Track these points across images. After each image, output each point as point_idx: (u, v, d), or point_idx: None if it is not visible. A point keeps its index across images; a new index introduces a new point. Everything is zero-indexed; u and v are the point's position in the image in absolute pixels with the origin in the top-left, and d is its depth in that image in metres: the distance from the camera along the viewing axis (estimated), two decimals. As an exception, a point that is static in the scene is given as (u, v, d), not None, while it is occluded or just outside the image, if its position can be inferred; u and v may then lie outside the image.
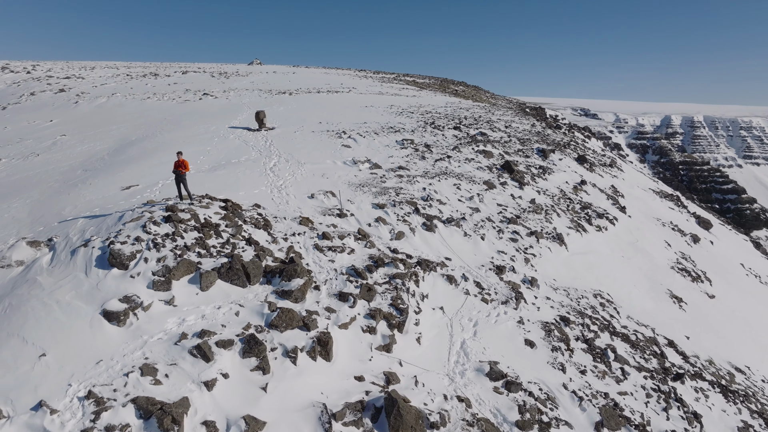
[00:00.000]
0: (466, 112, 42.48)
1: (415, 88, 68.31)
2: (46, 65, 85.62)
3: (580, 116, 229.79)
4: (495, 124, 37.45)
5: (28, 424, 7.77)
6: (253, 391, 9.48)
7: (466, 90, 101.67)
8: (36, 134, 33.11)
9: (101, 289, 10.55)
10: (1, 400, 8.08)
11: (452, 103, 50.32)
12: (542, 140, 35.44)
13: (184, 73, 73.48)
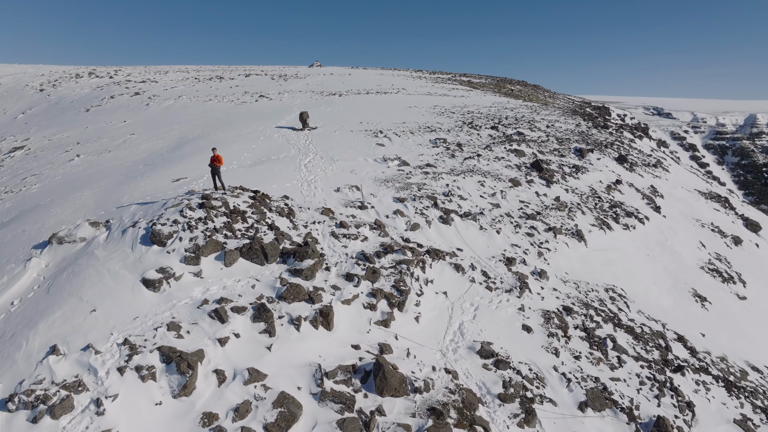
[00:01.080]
0: (510, 112, 42.94)
1: (466, 88, 68.91)
2: (126, 70, 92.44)
3: (652, 115, 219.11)
4: (536, 124, 37.81)
5: (78, 361, 9.86)
6: (259, 350, 11.23)
7: (523, 89, 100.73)
8: (110, 133, 36.96)
9: (142, 262, 12.69)
10: (60, 341, 10.24)
11: (499, 103, 50.74)
12: (583, 140, 35.50)
13: (247, 76, 77.62)
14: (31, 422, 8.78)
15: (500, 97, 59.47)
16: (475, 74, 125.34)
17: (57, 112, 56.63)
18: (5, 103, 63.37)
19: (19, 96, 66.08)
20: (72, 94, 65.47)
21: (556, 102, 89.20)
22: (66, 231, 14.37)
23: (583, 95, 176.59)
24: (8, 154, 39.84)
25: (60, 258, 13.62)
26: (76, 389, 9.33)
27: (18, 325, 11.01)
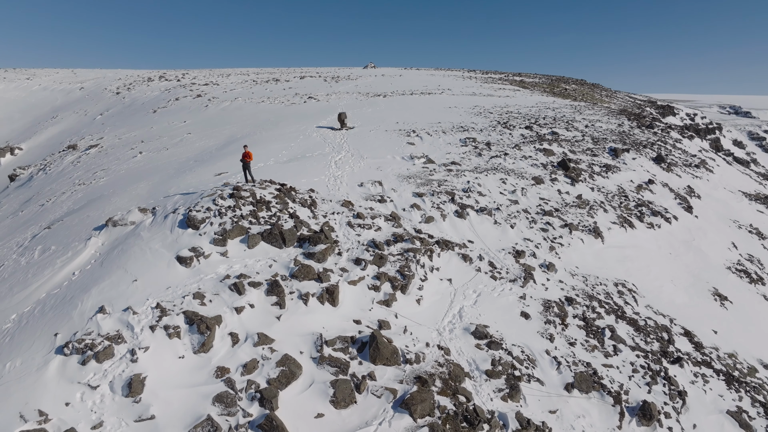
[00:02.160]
0: (551, 112, 43.13)
1: (515, 88, 68.88)
2: (193, 73, 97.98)
3: (728, 114, 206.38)
4: (574, 124, 37.95)
5: (119, 319, 11.98)
6: (269, 319, 13.00)
7: (578, 89, 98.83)
8: (170, 133, 40.34)
9: (178, 242, 14.79)
10: (106, 303, 12.42)
11: (543, 103, 50.80)
12: (621, 140, 35.40)
13: (302, 78, 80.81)
14: (80, 364, 10.92)
15: (547, 97, 59.25)
16: (531, 73, 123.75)
17: (129, 113, 61.43)
18: (87, 105, 69.22)
19: (98, 99, 71.92)
20: (143, 96, 70.43)
21: (612, 101, 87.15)
22: (120, 216, 16.79)
23: (653, 93, 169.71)
24: (85, 151, 44.17)
25: (113, 238, 16.01)
26: (117, 341, 11.42)
27: (76, 290, 13.33)
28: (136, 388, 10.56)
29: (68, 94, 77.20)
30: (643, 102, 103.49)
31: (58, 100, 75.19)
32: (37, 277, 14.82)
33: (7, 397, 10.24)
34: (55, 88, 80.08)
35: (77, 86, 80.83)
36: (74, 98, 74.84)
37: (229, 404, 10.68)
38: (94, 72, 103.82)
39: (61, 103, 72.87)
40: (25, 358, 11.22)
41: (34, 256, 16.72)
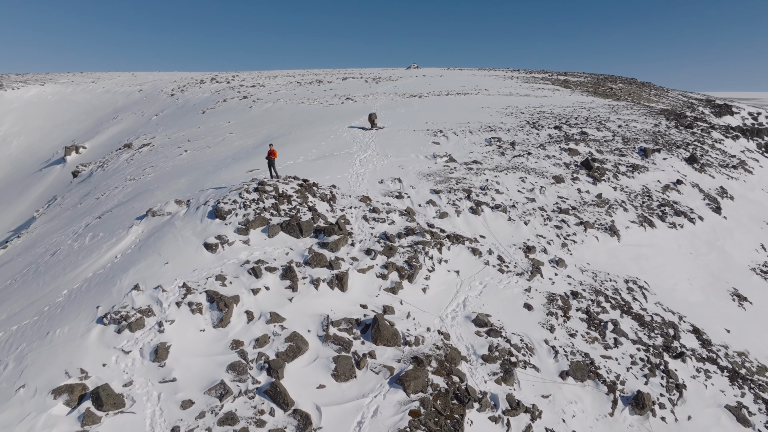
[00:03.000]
0: (586, 112, 42.97)
1: (555, 87, 68.30)
2: (242, 75, 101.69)
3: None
4: (607, 124, 37.81)
5: (150, 295, 13.65)
6: (282, 300, 14.39)
7: (625, 88, 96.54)
8: (215, 132, 42.78)
9: (206, 231, 16.44)
10: (140, 282, 14.14)
11: (581, 102, 50.46)
12: (653, 140, 35.07)
13: (344, 79, 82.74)
14: (116, 332, 12.62)
15: (586, 97, 58.62)
16: (578, 72, 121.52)
17: (181, 114, 64.79)
18: (144, 106, 73.38)
19: (155, 100, 76.05)
20: (195, 98, 73.82)
21: (661, 101, 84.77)
22: (158, 207, 18.67)
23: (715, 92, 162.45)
24: (138, 149, 47.37)
25: (152, 226, 17.87)
26: (147, 314, 13.08)
27: (116, 270, 15.16)
28: (161, 354, 12.16)
29: (128, 96, 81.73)
30: (698, 101, 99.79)
31: (119, 101, 79.76)
32: (86, 259, 16.82)
33: (55, 357, 12.03)
34: (117, 91, 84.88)
35: (136, 88, 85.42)
36: (133, 100, 79.25)
37: (240, 372, 12.11)
38: (152, 75, 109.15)
39: (121, 105, 77.37)
40: (71, 326, 13.04)
41: (85, 242, 18.84)
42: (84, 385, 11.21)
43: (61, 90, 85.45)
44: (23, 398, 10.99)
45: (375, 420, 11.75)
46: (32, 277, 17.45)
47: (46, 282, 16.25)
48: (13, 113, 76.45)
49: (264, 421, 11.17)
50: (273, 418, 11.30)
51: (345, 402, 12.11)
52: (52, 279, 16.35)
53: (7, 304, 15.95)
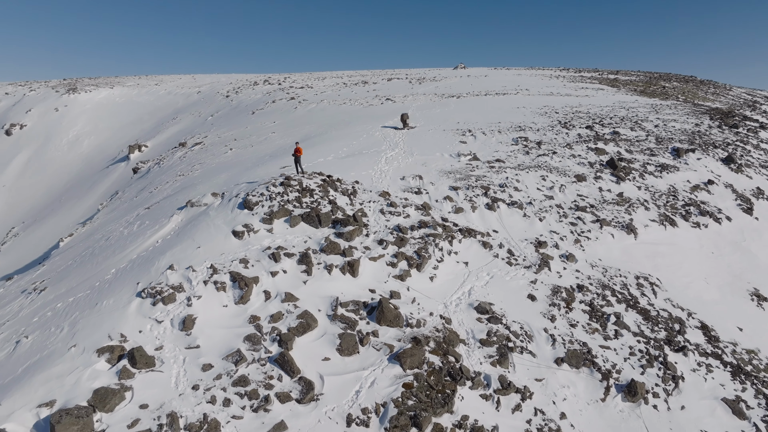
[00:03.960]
0: (625, 112, 42.59)
1: (600, 87, 67.20)
2: (293, 77, 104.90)
3: None
4: (643, 123, 37.48)
5: (182, 274, 15.56)
6: (297, 283, 15.96)
7: (679, 86, 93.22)
8: (259, 132, 45.25)
9: (235, 220, 18.27)
10: (175, 263, 16.09)
11: (623, 102, 49.82)
12: (690, 140, 34.58)
13: (389, 80, 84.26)
14: (152, 305, 14.55)
15: (630, 96, 57.59)
16: (632, 70, 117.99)
17: (234, 114, 68.08)
18: (201, 107, 77.43)
19: (211, 101, 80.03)
20: (247, 99, 77.08)
21: (718, 99, 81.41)
22: (197, 198, 20.74)
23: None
24: (191, 148, 50.62)
25: (190, 216, 19.92)
26: (178, 290, 14.96)
27: (156, 253, 17.21)
28: (188, 324, 13.97)
29: (187, 98, 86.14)
30: (764, 99, 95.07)
31: (179, 103, 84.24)
32: (132, 243, 19.03)
33: (101, 323, 14.07)
34: (177, 93, 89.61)
35: (195, 90, 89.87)
36: (192, 101, 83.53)
37: (255, 342, 13.75)
38: (210, 77, 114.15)
39: (181, 106, 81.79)
40: (116, 298, 15.10)
41: (134, 229, 21.16)
42: (123, 347, 13.13)
43: (127, 92, 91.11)
44: (74, 355, 13.03)
45: (371, 390, 13.10)
46: (88, 259, 19.88)
47: (99, 262, 18.57)
48: (85, 115, 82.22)
49: (272, 385, 12.73)
50: (280, 383, 12.86)
51: (346, 373, 13.52)
52: (103, 260, 18.66)
53: (67, 280, 18.36)
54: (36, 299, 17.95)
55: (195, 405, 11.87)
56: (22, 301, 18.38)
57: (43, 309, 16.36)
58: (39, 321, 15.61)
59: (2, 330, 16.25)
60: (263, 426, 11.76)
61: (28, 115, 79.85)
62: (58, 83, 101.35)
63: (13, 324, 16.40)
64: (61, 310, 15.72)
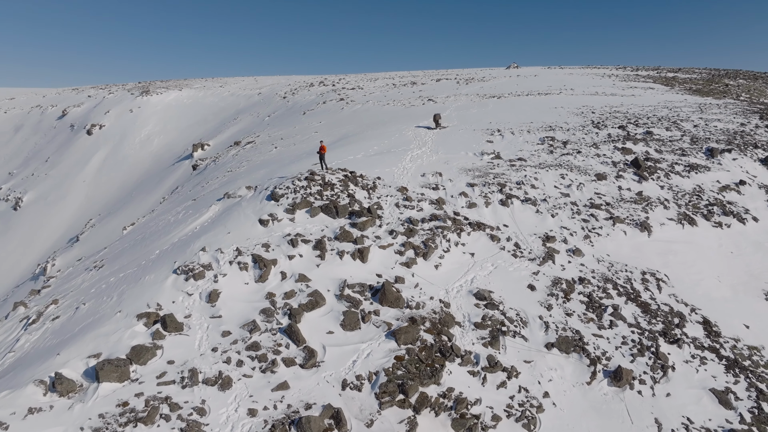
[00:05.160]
0: (666, 111, 41.97)
1: (650, 86, 65.47)
2: (347, 78, 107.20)
3: None
4: (682, 123, 36.98)
5: (212, 255, 17.84)
6: (311, 266, 17.87)
7: (745, 84, 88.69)
8: (304, 132, 47.81)
9: (262, 210, 20.44)
10: (206, 246, 18.40)
11: (669, 101, 48.83)
12: (730, 140, 33.94)
13: (438, 81, 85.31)
14: (184, 280, 16.87)
15: (680, 95, 56.06)
16: (696, 68, 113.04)
17: (288, 115, 71.12)
18: (260, 108, 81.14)
19: (269, 102, 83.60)
20: (302, 100, 79.97)
21: (786, 96, 77.18)
22: (233, 191, 23.15)
23: None
24: (243, 146, 53.96)
25: (226, 206, 22.33)
26: (207, 268, 17.23)
27: (193, 237, 19.65)
28: (213, 298, 16.17)
29: (249, 99, 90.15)
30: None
31: (240, 104, 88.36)
32: (175, 229, 21.64)
33: (142, 294, 16.52)
34: (240, 94, 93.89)
35: (256, 92, 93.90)
36: (253, 102, 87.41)
37: (269, 315, 15.77)
38: (271, 79, 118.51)
39: (242, 107, 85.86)
40: (156, 274, 17.56)
41: (179, 217, 23.86)
42: (158, 313, 15.47)
43: (194, 94, 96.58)
44: (118, 319, 15.50)
45: (366, 360, 14.80)
46: (139, 242, 22.71)
47: (147, 245, 21.28)
48: (156, 115, 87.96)
49: (280, 351, 14.68)
50: (287, 350, 14.79)
51: (346, 345, 15.29)
52: (151, 243, 21.35)
53: (120, 260, 21.18)
54: (95, 275, 20.87)
55: (213, 363, 13.99)
56: (85, 275, 21.38)
57: (99, 282, 19.14)
58: (95, 292, 18.35)
59: (67, 298, 19.17)
60: (269, 384, 13.70)
61: (106, 116, 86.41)
62: (133, 86, 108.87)
63: (75, 294, 19.28)
64: (112, 284, 18.39)
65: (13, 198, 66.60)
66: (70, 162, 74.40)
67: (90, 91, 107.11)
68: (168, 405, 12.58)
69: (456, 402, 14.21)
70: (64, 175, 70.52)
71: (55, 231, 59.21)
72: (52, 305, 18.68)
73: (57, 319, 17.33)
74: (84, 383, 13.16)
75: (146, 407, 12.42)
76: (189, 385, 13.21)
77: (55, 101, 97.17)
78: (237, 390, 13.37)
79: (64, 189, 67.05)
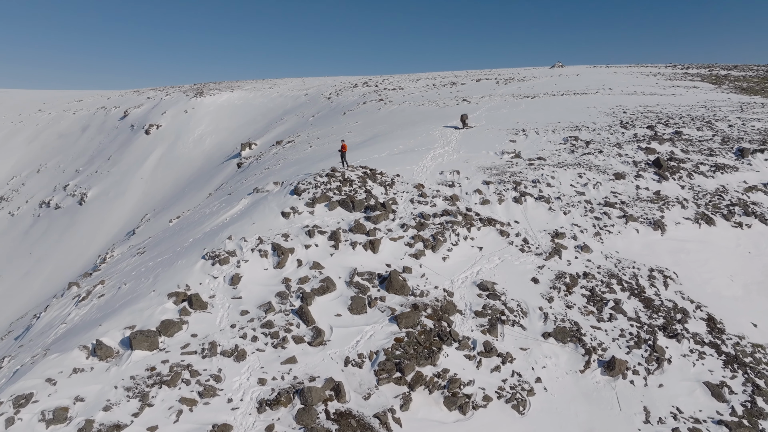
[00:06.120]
0: (704, 111, 41.21)
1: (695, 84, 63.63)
2: (391, 79, 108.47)
3: None
4: (716, 123, 36.36)
5: (236, 243, 19.64)
6: (325, 255, 19.39)
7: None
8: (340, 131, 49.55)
9: (285, 203, 22.15)
10: (232, 235, 20.24)
11: (708, 101, 47.69)
12: (765, 140, 33.26)
13: (478, 81, 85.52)
14: (211, 265, 18.73)
15: (725, 94, 54.39)
16: (753, 65, 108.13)
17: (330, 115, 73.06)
18: (305, 109, 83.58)
19: (315, 103, 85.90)
20: (345, 101, 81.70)
21: None
22: (262, 186, 25.02)
23: None
24: (284, 146, 56.30)
25: (254, 200, 24.20)
26: (232, 255, 19.04)
27: (222, 228, 21.57)
28: (235, 281, 17.93)
29: (296, 100, 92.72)
30: None
31: (288, 104, 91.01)
32: (208, 220, 23.69)
33: (174, 276, 18.48)
34: (287, 95, 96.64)
35: (303, 93, 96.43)
36: (299, 103, 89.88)
37: (283, 297, 17.38)
38: (318, 80, 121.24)
39: (289, 107, 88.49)
40: (187, 259, 19.53)
41: (213, 210, 25.96)
42: (186, 293, 17.35)
43: (245, 95, 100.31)
44: (152, 297, 17.48)
45: (369, 340, 16.16)
46: (177, 232, 24.92)
47: (183, 234, 23.41)
48: (209, 116, 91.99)
49: (291, 329, 16.25)
50: (297, 329, 16.34)
51: (352, 327, 16.69)
52: (186, 232, 23.47)
53: (159, 247, 23.41)
54: (137, 260, 23.17)
55: (230, 338, 15.70)
56: (129, 260, 23.74)
57: (140, 266, 21.34)
58: (135, 274, 20.54)
59: (112, 279, 21.48)
60: (279, 358, 15.28)
61: (163, 116, 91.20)
62: (189, 88, 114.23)
63: (119, 276, 21.57)
64: (150, 267, 20.52)
65: (78, 193, 71.48)
66: (129, 160, 79.09)
67: (149, 92, 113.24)
68: (189, 371, 14.33)
69: (449, 382, 15.33)
70: (124, 173, 75.09)
71: (114, 224, 63.18)
72: (99, 285, 21.02)
73: (102, 296, 19.58)
74: (120, 350, 15.12)
75: (170, 372, 14.20)
76: (208, 356, 14.93)
77: (118, 103, 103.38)
78: (250, 362, 14.98)
79: (123, 185, 71.44)
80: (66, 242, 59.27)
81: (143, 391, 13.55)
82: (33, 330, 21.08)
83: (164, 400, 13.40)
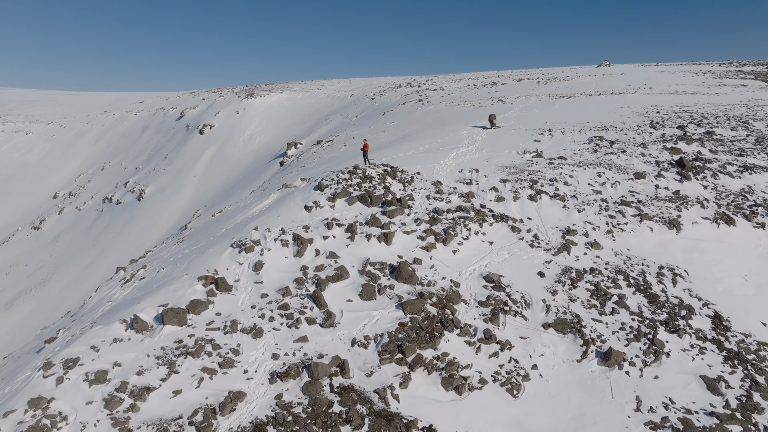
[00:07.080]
0: (744, 110, 40.20)
1: (744, 83, 61.38)
2: (434, 79, 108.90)
3: None
4: (752, 123, 35.55)
5: (261, 234, 21.42)
6: (341, 246, 20.87)
7: None
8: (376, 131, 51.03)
9: (308, 198, 23.80)
10: (258, 226, 22.04)
11: (752, 100, 46.26)
12: (803, 140, 32.43)
13: (519, 81, 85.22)
14: (238, 252, 20.57)
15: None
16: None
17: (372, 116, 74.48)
18: (350, 109, 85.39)
19: (359, 103, 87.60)
20: (387, 101, 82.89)
21: None
22: (290, 182, 26.80)
23: None
24: (322, 145, 58.31)
25: (282, 194, 26.01)
26: (257, 244, 20.83)
27: (251, 219, 23.44)
28: (258, 267, 19.68)
29: (342, 100, 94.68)
30: None
31: (334, 105, 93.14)
32: (240, 213, 25.67)
33: (205, 262, 20.43)
34: (334, 96, 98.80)
35: (349, 93, 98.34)
36: (345, 103, 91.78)
37: (300, 283, 18.98)
38: (364, 80, 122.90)
39: (335, 108, 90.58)
40: (217, 247, 21.46)
41: (247, 203, 27.97)
42: (213, 277, 19.22)
43: (293, 96, 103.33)
44: (184, 280, 19.45)
45: (375, 324, 17.52)
46: (212, 223, 27.08)
47: (216, 225, 25.49)
48: (259, 116, 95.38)
49: (305, 312, 17.80)
50: (311, 311, 17.88)
51: (361, 311, 18.08)
52: (220, 224, 25.53)
53: (196, 236, 25.58)
54: (177, 248, 25.40)
55: (250, 317, 17.41)
56: (169, 248, 26.03)
57: (177, 254, 23.50)
58: (173, 260, 22.68)
59: (153, 264, 23.74)
60: (292, 336, 16.85)
61: (216, 117, 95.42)
62: (241, 89, 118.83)
63: (159, 262, 23.81)
64: (187, 254, 22.61)
65: (137, 190, 76.06)
66: (184, 159, 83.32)
67: (204, 94, 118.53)
68: (211, 345, 16.10)
69: (448, 364, 16.46)
70: (179, 171, 79.20)
71: (169, 219, 66.81)
72: (142, 269, 23.32)
73: (143, 279, 21.80)
74: (153, 324, 17.08)
75: (195, 345, 16.02)
76: (229, 332, 16.66)
77: (175, 104, 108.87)
78: (266, 339, 16.61)
79: (178, 183, 75.37)
80: (126, 236, 63.43)
81: (171, 360, 15.39)
82: (85, 307, 23.61)
83: (188, 369, 15.18)
